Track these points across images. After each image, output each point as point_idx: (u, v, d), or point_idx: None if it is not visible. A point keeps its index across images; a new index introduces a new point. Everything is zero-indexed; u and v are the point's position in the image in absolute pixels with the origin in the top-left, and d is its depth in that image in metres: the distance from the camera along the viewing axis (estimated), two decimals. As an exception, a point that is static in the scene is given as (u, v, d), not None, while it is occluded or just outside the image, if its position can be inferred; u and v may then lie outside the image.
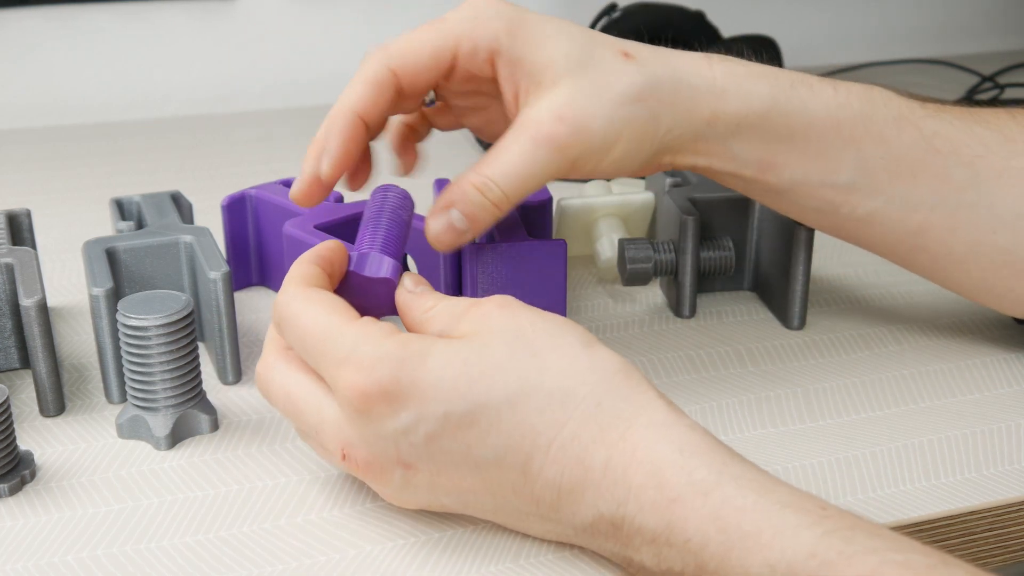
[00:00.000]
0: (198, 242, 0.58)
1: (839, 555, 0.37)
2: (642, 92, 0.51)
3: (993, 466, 0.51)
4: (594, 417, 0.42)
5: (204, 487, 0.50)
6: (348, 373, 0.42)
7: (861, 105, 0.54)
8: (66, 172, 0.91)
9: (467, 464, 0.43)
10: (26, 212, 0.63)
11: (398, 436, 0.42)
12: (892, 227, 0.56)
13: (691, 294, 0.64)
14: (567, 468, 0.42)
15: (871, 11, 1.34)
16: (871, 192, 0.55)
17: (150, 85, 1.09)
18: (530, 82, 0.51)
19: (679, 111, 0.52)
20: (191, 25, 1.09)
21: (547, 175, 0.50)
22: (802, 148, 0.53)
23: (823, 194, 0.55)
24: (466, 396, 0.42)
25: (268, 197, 0.65)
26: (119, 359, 0.54)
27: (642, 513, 0.41)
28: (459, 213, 0.50)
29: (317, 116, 1.06)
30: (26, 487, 0.50)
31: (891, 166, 0.54)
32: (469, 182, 0.50)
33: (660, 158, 0.53)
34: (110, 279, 0.54)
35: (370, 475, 0.44)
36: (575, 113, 0.49)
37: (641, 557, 0.42)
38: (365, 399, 0.42)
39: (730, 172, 0.54)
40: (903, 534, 0.39)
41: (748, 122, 0.52)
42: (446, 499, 0.44)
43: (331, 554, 0.45)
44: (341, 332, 0.43)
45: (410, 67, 0.51)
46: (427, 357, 0.42)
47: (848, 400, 0.57)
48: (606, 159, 0.51)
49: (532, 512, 0.44)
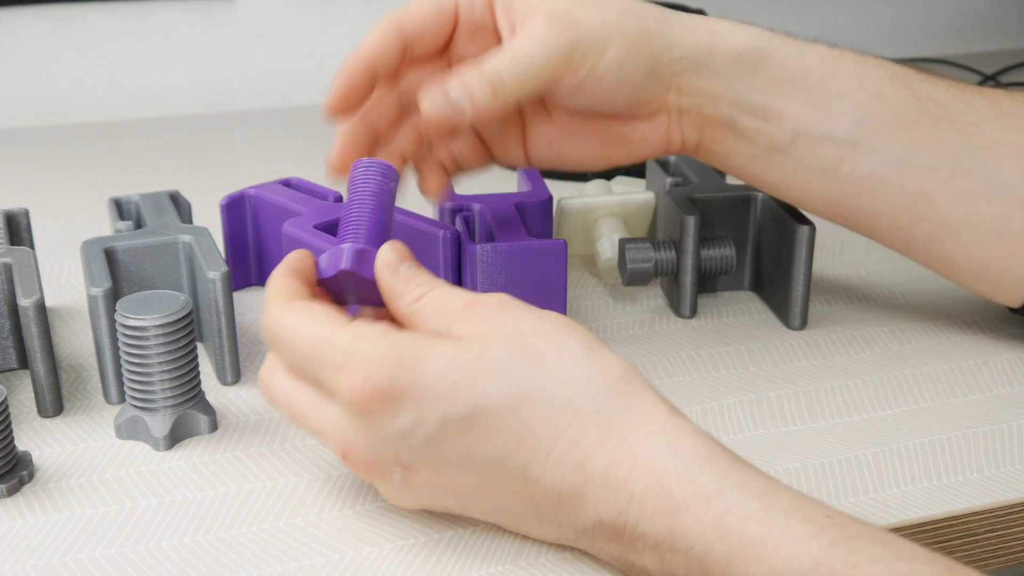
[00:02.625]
0: (197, 242, 0.58)
1: (843, 565, 0.37)
2: (632, 7, 0.53)
3: (995, 467, 0.51)
4: (594, 424, 0.42)
5: (203, 488, 0.49)
6: (346, 378, 0.42)
7: (856, 60, 0.56)
8: (64, 171, 0.91)
9: (466, 467, 0.42)
10: (24, 212, 0.63)
11: (397, 438, 0.42)
12: (890, 191, 0.56)
13: (692, 294, 0.64)
14: (567, 474, 0.42)
15: (873, 10, 1.34)
16: (870, 149, 0.55)
17: (148, 84, 1.09)
18: (525, 13, 0.52)
19: (674, 32, 0.54)
20: (189, 24, 1.08)
21: (543, 63, 0.51)
22: (802, 94, 0.55)
23: (825, 150, 0.55)
24: (466, 399, 0.41)
25: (267, 197, 0.65)
26: (118, 359, 0.54)
27: (644, 520, 0.40)
28: (457, 87, 0.50)
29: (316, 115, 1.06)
30: (24, 488, 0.49)
31: (888, 123, 0.55)
32: (464, 70, 0.51)
33: (665, 92, 0.54)
34: (108, 279, 0.54)
35: (370, 476, 0.44)
36: (565, 8, 0.52)
37: (644, 561, 0.41)
38: (364, 402, 0.41)
39: (736, 125, 0.55)
40: (905, 535, 0.39)
41: (747, 58, 0.54)
42: (446, 500, 0.44)
43: (330, 555, 0.45)
44: (334, 339, 0.43)
45: (415, 21, 0.53)
46: (425, 358, 0.42)
47: (849, 400, 0.56)
48: (602, 60, 0.52)
49: (532, 515, 0.43)
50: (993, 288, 0.58)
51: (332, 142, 0.54)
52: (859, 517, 0.40)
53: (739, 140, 0.56)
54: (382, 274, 0.46)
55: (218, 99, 1.11)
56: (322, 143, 0.98)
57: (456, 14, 0.54)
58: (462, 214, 0.62)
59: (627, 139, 0.56)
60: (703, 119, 0.55)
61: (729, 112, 0.55)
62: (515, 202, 0.62)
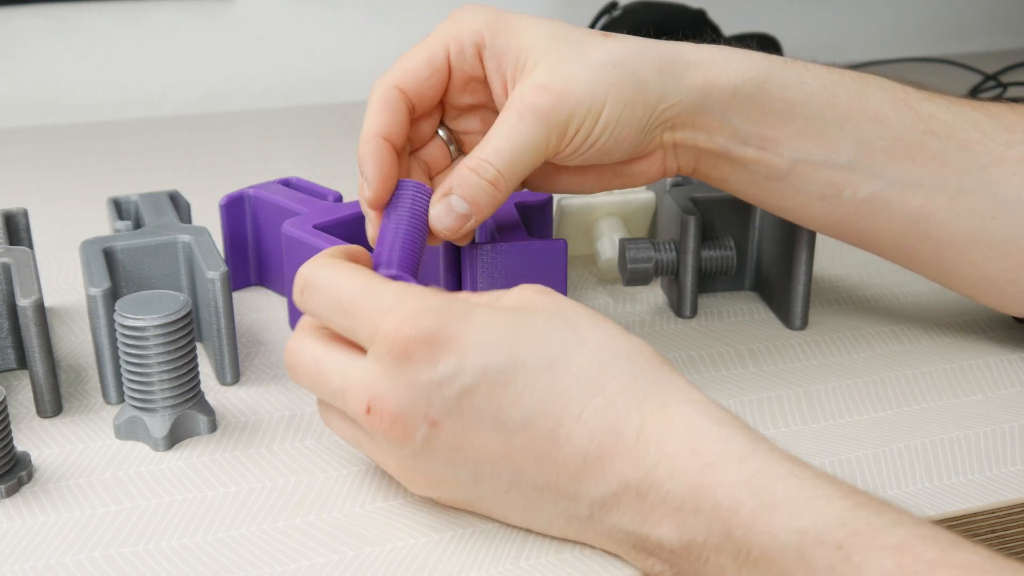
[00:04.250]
0: (196, 242, 0.58)
1: (868, 526, 0.37)
2: (624, 58, 0.52)
3: (996, 467, 0.51)
4: (630, 388, 0.43)
5: (202, 488, 0.49)
6: (391, 321, 0.42)
7: (856, 84, 0.55)
8: (63, 171, 0.91)
9: (494, 424, 0.43)
10: (23, 211, 0.63)
11: (432, 387, 0.42)
12: (894, 212, 0.56)
13: (692, 294, 0.64)
14: (598, 433, 0.42)
15: (873, 9, 1.34)
16: (871, 173, 0.55)
17: (148, 84, 1.09)
18: (515, 68, 0.52)
19: (667, 77, 0.52)
20: (189, 24, 1.08)
21: (538, 147, 0.51)
22: (800, 123, 0.54)
23: (825, 175, 0.55)
24: (508, 353, 0.43)
25: (267, 196, 0.65)
26: (117, 359, 0.54)
27: (672, 479, 0.41)
28: (458, 197, 0.51)
29: (315, 115, 1.06)
30: (23, 488, 0.49)
31: (890, 146, 0.55)
32: (464, 166, 0.51)
33: (660, 133, 0.54)
34: (107, 279, 0.54)
35: (394, 430, 0.43)
36: (555, 80, 0.51)
37: (660, 532, 0.41)
38: (407, 344, 0.42)
39: (732, 154, 0.54)
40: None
41: (744, 92, 0.53)
42: (461, 470, 0.44)
43: (330, 555, 0.45)
44: (382, 288, 0.44)
45: (411, 79, 0.53)
46: (472, 314, 0.43)
47: (850, 401, 0.56)
48: (597, 125, 0.52)
49: (550, 485, 0.43)
50: (999, 300, 0.58)
51: (367, 176, 0.52)
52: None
53: (735, 168, 0.55)
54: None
55: (218, 99, 1.11)
56: (322, 143, 0.98)
57: (448, 67, 0.54)
58: (462, 214, 0.62)
59: (623, 175, 0.57)
60: (698, 151, 0.55)
61: (725, 144, 0.54)
62: (515, 202, 0.62)
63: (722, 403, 0.56)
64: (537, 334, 0.43)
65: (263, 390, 0.57)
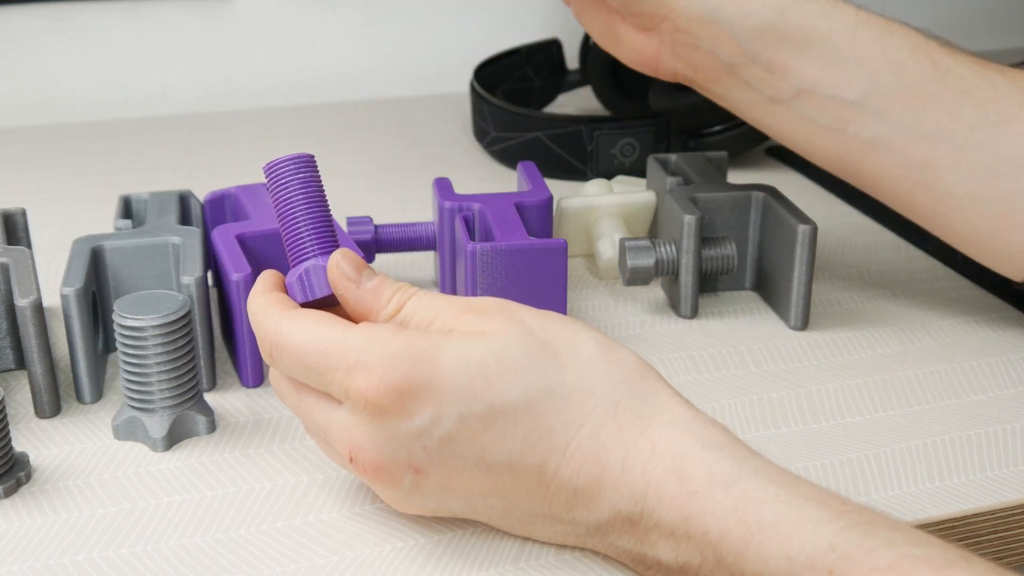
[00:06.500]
0: (184, 244, 0.57)
1: (858, 548, 0.37)
2: None
3: (998, 468, 0.51)
4: (612, 416, 0.42)
5: (201, 489, 0.49)
6: (360, 377, 0.41)
7: (880, 27, 0.56)
8: (63, 171, 0.91)
9: (480, 467, 0.42)
10: (21, 211, 0.63)
11: (411, 439, 0.41)
12: (896, 157, 0.56)
13: (692, 294, 0.64)
14: (584, 467, 0.42)
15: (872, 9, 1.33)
16: (879, 115, 0.55)
17: (148, 84, 1.09)
18: None
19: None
20: (188, 23, 1.08)
21: None
22: (816, 55, 0.55)
23: (832, 109, 0.55)
24: (483, 398, 0.41)
25: (243, 198, 0.63)
26: (91, 358, 0.54)
27: (661, 507, 0.40)
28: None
29: (315, 115, 1.06)
30: (21, 489, 0.49)
31: (903, 92, 0.55)
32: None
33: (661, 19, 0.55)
34: (82, 278, 0.53)
35: (379, 479, 0.43)
36: None
37: (657, 552, 0.41)
38: (379, 400, 0.41)
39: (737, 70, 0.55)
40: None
41: (762, 15, 0.54)
42: (454, 503, 0.44)
43: (329, 556, 0.45)
44: (344, 340, 0.42)
45: None
46: (441, 355, 0.41)
47: (851, 401, 0.56)
48: None
49: (543, 513, 0.43)
50: (994, 259, 0.58)
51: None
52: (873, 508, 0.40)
53: (738, 85, 0.56)
54: (347, 290, 0.45)
55: (218, 99, 1.11)
56: (322, 143, 0.98)
57: None
58: (462, 214, 0.62)
59: (620, 39, 0.58)
60: (699, 58, 0.55)
61: (730, 57, 0.55)
62: (515, 202, 0.62)
63: (722, 403, 0.56)
64: (512, 368, 0.41)
65: (261, 390, 0.57)
